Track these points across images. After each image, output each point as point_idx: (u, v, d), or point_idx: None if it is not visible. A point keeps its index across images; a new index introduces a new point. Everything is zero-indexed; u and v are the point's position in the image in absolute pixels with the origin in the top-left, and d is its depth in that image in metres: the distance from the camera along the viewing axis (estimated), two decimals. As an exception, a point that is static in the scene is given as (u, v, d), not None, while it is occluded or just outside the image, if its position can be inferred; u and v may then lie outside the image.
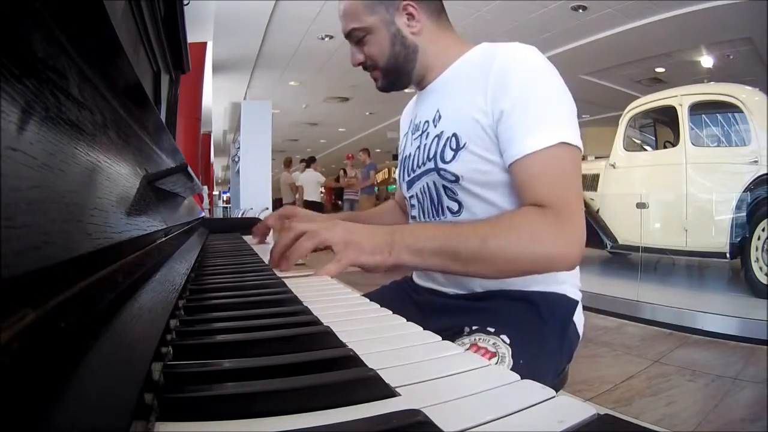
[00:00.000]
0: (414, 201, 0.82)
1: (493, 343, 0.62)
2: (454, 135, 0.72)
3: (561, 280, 0.74)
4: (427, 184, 0.77)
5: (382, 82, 0.81)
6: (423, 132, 0.79)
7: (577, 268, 0.78)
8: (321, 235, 0.64)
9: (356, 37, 0.78)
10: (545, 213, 0.63)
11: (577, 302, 0.75)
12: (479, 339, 0.63)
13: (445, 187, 0.75)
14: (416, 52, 0.78)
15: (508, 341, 0.62)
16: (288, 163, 7.64)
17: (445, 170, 0.73)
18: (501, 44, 0.72)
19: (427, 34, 0.78)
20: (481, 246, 0.61)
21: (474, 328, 0.65)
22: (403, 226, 0.69)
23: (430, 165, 0.75)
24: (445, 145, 0.73)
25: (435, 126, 0.77)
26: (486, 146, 0.69)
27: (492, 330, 0.64)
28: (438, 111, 0.77)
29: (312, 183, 6.97)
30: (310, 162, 7.39)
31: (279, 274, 0.65)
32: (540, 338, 0.67)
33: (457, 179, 0.72)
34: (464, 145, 0.71)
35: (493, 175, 0.70)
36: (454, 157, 0.72)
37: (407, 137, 0.86)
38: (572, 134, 0.65)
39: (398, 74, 0.79)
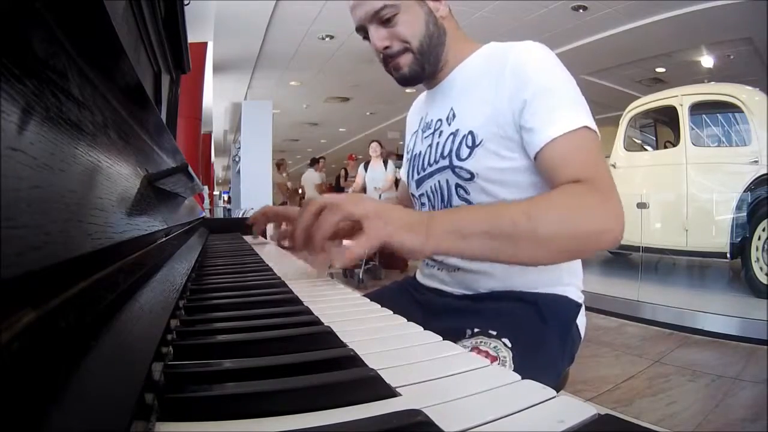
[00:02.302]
0: (424, 199, 0.82)
1: (494, 347, 0.61)
2: (471, 132, 0.72)
3: (565, 282, 0.74)
4: (439, 182, 0.77)
5: (410, 68, 0.76)
6: (436, 130, 0.79)
7: (581, 269, 0.78)
8: (346, 207, 0.55)
9: (384, 17, 0.72)
10: (587, 188, 0.60)
11: (580, 305, 0.75)
12: (481, 342, 0.62)
13: (457, 186, 0.74)
14: (445, 36, 0.76)
15: (509, 345, 0.62)
16: (280, 165, 7.65)
17: (460, 168, 0.73)
18: (511, 42, 0.72)
19: (449, 21, 0.77)
20: (527, 224, 0.55)
21: (476, 330, 0.64)
22: (437, 211, 0.67)
23: (445, 162, 0.75)
24: (461, 143, 0.73)
25: (449, 124, 0.76)
26: (503, 144, 0.69)
27: (494, 333, 0.63)
28: (452, 109, 0.76)
29: (312, 183, 6.97)
30: (312, 162, 7.40)
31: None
32: (542, 342, 0.67)
33: (472, 177, 0.72)
34: (481, 142, 0.70)
35: (509, 173, 0.70)
36: (470, 154, 0.72)
37: (417, 135, 0.85)
38: (592, 121, 0.65)
39: (429, 57, 0.76)
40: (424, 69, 0.76)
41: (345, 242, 0.58)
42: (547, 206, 0.59)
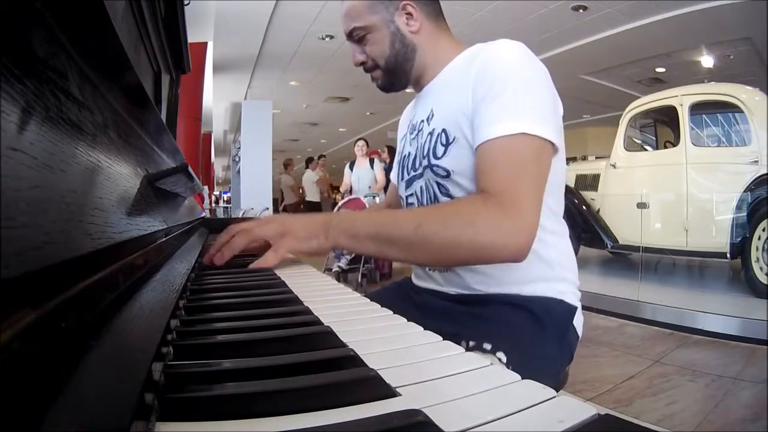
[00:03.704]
0: (413, 200, 0.82)
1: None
2: (444, 131, 0.73)
3: (560, 279, 0.74)
4: (426, 181, 0.78)
5: (382, 81, 0.81)
6: (419, 131, 0.80)
7: (576, 267, 0.78)
8: (253, 231, 0.70)
9: (357, 37, 0.78)
10: (489, 200, 0.61)
11: (576, 308, 0.75)
12: None
13: (438, 184, 0.75)
14: (415, 51, 0.78)
15: (504, 360, 0.61)
16: (288, 165, 7.63)
17: (437, 166, 0.74)
18: (489, 42, 0.72)
19: (425, 34, 0.78)
20: (415, 231, 0.62)
21: (471, 344, 0.64)
22: (341, 212, 0.70)
23: (425, 162, 0.76)
24: (436, 141, 0.74)
25: (428, 123, 0.78)
26: (473, 141, 0.69)
27: (488, 347, 0.62)
28: (432, 110, 0.78)
29: (311, 182, 6.97)
30: (308, 162, 7.40)
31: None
32: (539, 348, 0.67)
33: (448, 174, 0.73)
34: (454, 139, 0.71)
35: None
36: (444, 152, 0.73)
37: (406, 138, 0.87)
38: (539, 126, 0.63)
39: (397, 73, 0.80)
40: (393, 83, 0.82)
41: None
42: (436, 217, 0.64)
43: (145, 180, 0.52)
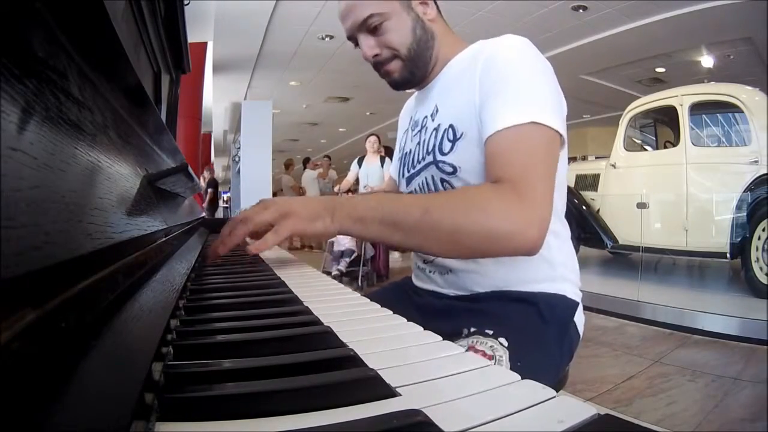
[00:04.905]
0: None
1: (491, 346, 0.61)
2: (451, 126, 0.72)
3: (561, 279, 0.74)
4: (426, 179, 0.77)
5: (400, 73, 0.77)
6: (422, 127, 0.79)
7: (577, 267, 0.78)
8: (254, 218, 0.65)
9: (372, 25, 0.73)
10: (502, 188, 0.60)
11: (577, 303, 0.75)
12: (477, 341, 0.62)
13: (443, 180, 0.74)
14: (434, 39, 0.76)
15: (506, 344, 0.61)
16: (289, 165, 7.63)
17: (443, 162, 0.73)
18: (493, 38, 0.72)
19: (439, 23, 0.78)
20: (422, 216, 0.59)
21: (472, 330, 0.64)
22: (344, 196, 0.69)
23: (429, 159, 0.75)
24: (442, 137, 0.73)
25: (433, 120, 0.77)
26: (481, 135, 0.68)
27: (490, 332, 0.63)
28: (436, 105, 0.77)
29: (311, 180, 6.97)
30: (305, 163, 7.40)
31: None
32: (539, 340, 0.67)
33: (454, 170, 0.72)
34: (461, 135, 0.70)
35: None
36: (452, 148, 0.72)
37: (407, 134, 0.86)
38: (548, 116, 0.63)
39: (419, 63, 0.76)
40: (413, 74, 0.77)
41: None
42: (447, 201, 0.61)
43: (145, 180, 0.52)
